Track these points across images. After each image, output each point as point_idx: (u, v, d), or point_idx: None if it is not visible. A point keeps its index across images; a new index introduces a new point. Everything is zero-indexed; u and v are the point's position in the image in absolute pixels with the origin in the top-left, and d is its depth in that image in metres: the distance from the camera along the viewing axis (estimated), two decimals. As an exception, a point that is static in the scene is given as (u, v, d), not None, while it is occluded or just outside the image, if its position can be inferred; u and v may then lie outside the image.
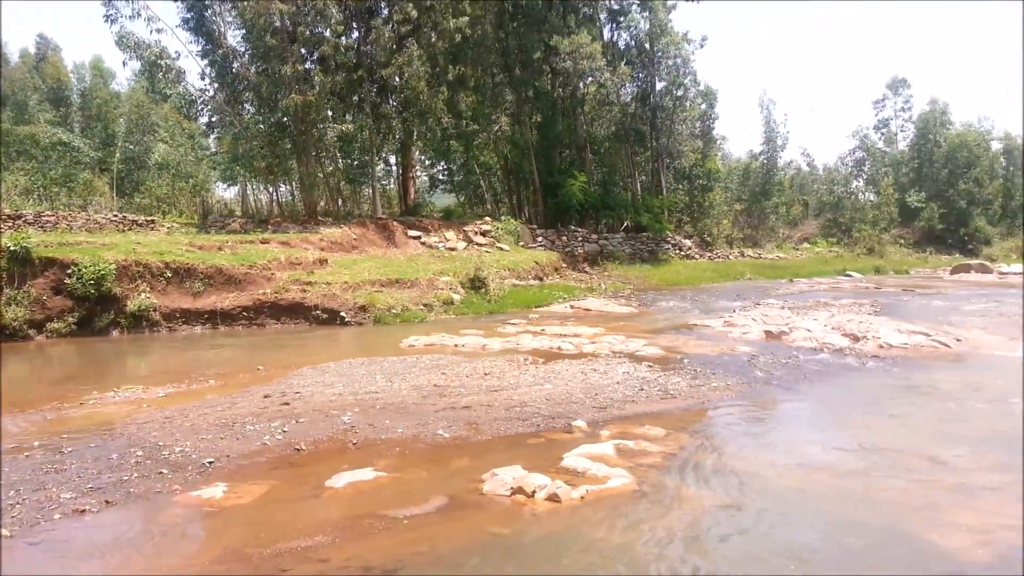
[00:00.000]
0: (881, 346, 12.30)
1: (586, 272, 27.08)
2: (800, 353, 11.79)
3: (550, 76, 30.30)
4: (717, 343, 12.92)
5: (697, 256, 33.02)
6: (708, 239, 35.47)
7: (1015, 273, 31.37)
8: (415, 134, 28.33)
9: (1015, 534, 4.94)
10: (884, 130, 45.60)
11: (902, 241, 40.29)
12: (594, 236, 30.42)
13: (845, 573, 4.46)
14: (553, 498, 5.40)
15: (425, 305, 17.04)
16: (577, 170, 30.56)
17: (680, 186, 35.97)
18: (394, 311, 16.07)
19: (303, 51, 24.11)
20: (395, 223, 24.65)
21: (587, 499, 5.45)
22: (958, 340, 12.92)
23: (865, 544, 4.85)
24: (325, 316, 15.64)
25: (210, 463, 6.22)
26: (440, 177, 36.28)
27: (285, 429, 7.12)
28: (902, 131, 45.56)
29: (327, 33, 23.43)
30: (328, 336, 14.41)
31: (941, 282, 28.36)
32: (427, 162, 36.55)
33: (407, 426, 7.25)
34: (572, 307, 18.69)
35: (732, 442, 7.20)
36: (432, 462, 6.33)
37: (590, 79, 29.57)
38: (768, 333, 13.80)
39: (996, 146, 44.80)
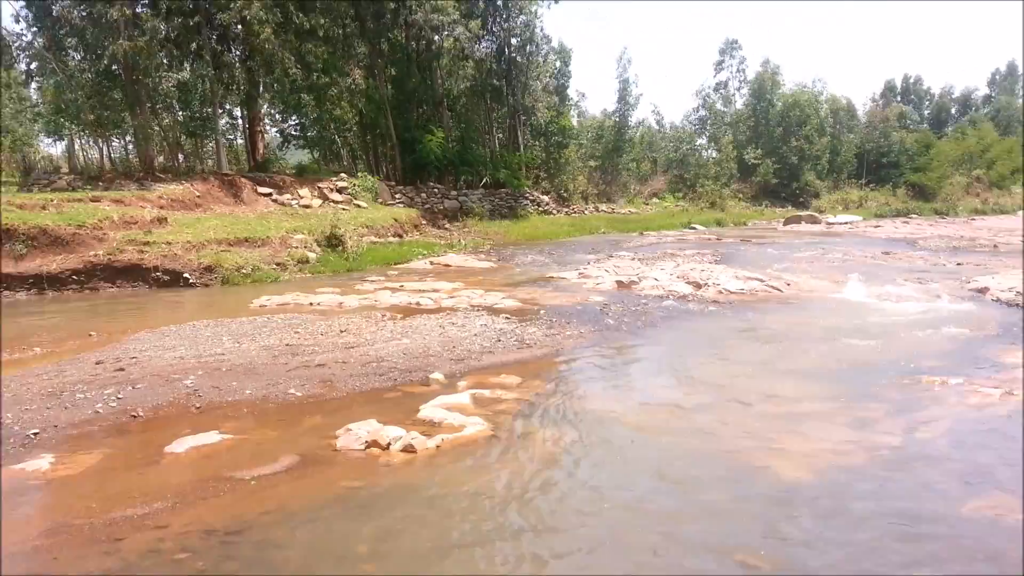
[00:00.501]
0: (721, 292, 13.10)
1: (446, 229, 26.94)
2: (648, 301, 12.34)
3: (404, 28, 29.49)
4: (572, 294, 13.27)
5: (555, 211, 33.66)
6: (565, 195, 36.18)
7: (840, 223, 34.31)
8: (261, 85, 26.78)
9: (836, 456, 5.44)
10: (723, 90, 48.03)
11: (741, 195, 42.94)
12: (453, 193, 30.25)
13: (685, 502, 4.76)
14: (408, 449, 5.38)
15: (278, 264, 16.34)
16: (435, 126, 30.11)
17: (537, 143, 36.31)
18: (244, 271, 15.31)
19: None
20: (243, 179, 23.33)
21: (443, 448, 5.47)
22: (788, 285, 13.98)
23: (703, 474, 5.18)
24: (167, 278, 14.64)
25: (35, 434, 5.71)
26: (293, 132, 34.50)
27: (120, 396, 6.64)
28: (739, 91, 48.18)
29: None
30: (170, 299, 13.53)
31: (775, 233, 30.55)
32: (277, 116, 34.70)
33: (256, 387, 6.96)
34: (432, 263, 18.58)
35: (584, 386, 7.46)
36: (283, 422, 6.12)
37: (446, 32, 29.06)
38: (619, 283, 14.34)
39: (825, 108, 48.29)
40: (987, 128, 55.76)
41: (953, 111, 64.59)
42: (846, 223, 34.42)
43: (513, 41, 32.39)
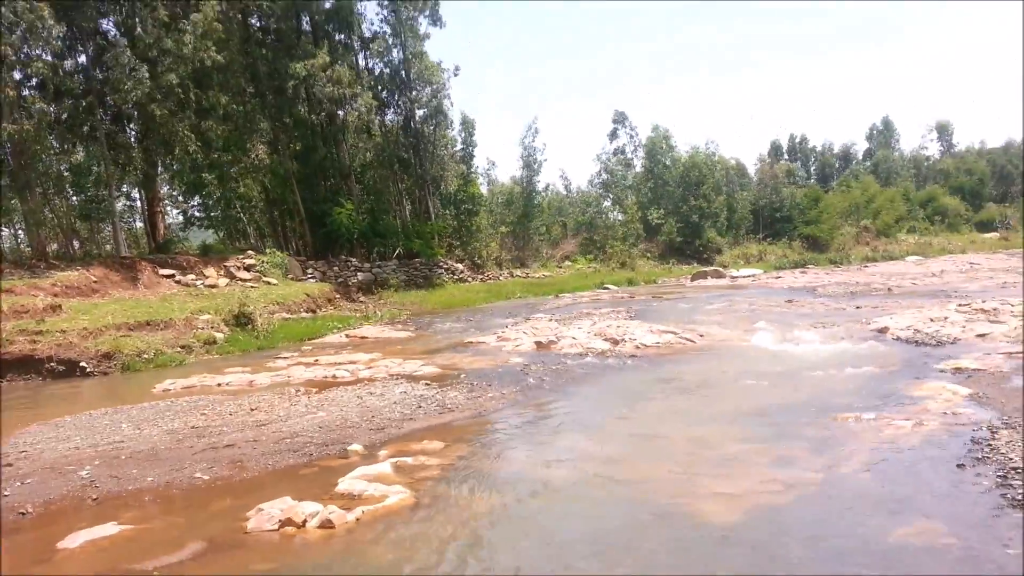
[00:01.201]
0: (638, 347, 13.27)
1: (361, 301, 26.47)
2: (568, 359, 12.38)
3: (306, 103, 29.53)
4: (492, 357, 13.17)
5: (470, 279, 33.68)
6: (479, 262, 36.32)
7: (743, 276, 35.67)
8: (159, 164, 26.12)
9: (763, 496, 5.46)
10: (621, 155, 49.89)
11: (649, 254, 44.13)
12: (367, 265, 29.91)
13: (620, 556, 4.64)
14: (326, 524, 5.07)
15: (183, 347, 15.58)
16: (344, 198, 29.97)
17: (448, 211, 36.54)
18: (146, 356, 14.51)
19: (19, 75, 21.32)
20: (144, 262, 22.38)
21: (363, 520, 5.20)
22: (701, 336, 14.32)
23: (635, 525, 5.09)
24: (62, 368, 13.70)
25: (-98, 547, 5.12)
26: (196, 214, 33.60)
27: (6, 493, 6.07)
28: (636, 154, 50.17)
29: (46, 55, 20.92)
30: (66, 390, 12.62)
31: (684, 288, 31.44)
32: (179, 197, 33.77)
33: (159, 473, 6.50)
34: (348, 336, 18.15)
35: (508, 446, 7.31)
36: (189, 508, 5.71)
37: (349, 107, 29.26)
38: (538, 344, 14.35)
39: (719, 167, 50.70)
40: (869, 180, 59.71)
41: (836, 165, 69.08)
42: (749, 276, 35.77)
43: (420, 112, 32.92)
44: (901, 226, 54.45)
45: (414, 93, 32.44)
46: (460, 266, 34.49)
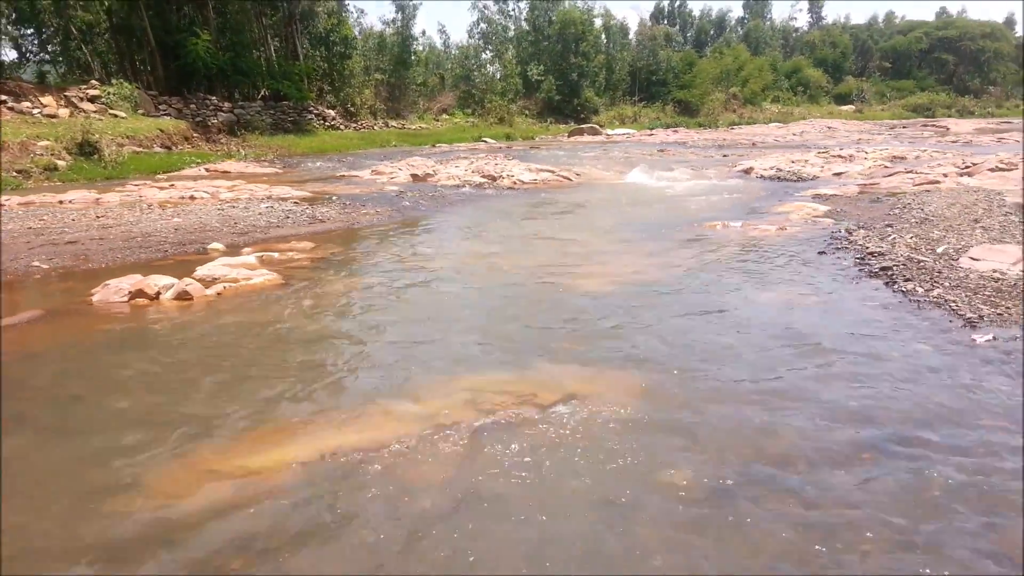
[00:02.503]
0: (515, 182, 13.16)
1: (222, 143, 24.66)
2: (445, 189, 12.11)
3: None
4: (367, 187, 12.68)
5: (342, 127, 32.03)
6: (352, 109, 34.48)
7: (618, 134, 36.04)
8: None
9: (635, 275, 5.55)
10: (503, 4, 47.87)
11: (527, 111, 43.50)
12: (228, 105, 27.62)
13: (497, 311, 4.61)
14: (183, 296, 4.72)
15: (20, 172, 14.00)
16: (200, 29, 27.18)
17: (318, 53, 34.07)
18: (-27, 180, 12.97)
19: None
20: (-34, 86, 19.72)
21: (225, 294, 4.89)
22: (577, 174, 14.38)
23: (517, 293, 5.08)
24: None
25: None
26: (31, 48, 29.46)
27: None
28: (519, 3, 48.24)
29: None
30: None
31: (561, 143, 31.44)
32: (9, 27, 29.40)
33: (-11, 263, 5.83)
34: (208, 170, 16.88)
35: (384, 246, 7.08)
36: (24, 289, 5.17)
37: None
38: (415, 176, 13.97)
39: (598, 23, 49.91)
40: (740, 48, 60.69)
41: (711, 32, 69.73)
42: (624, 134, 36.22)
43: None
44: (767, 95, 56.22)
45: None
46: (332, 112, 32.72)
